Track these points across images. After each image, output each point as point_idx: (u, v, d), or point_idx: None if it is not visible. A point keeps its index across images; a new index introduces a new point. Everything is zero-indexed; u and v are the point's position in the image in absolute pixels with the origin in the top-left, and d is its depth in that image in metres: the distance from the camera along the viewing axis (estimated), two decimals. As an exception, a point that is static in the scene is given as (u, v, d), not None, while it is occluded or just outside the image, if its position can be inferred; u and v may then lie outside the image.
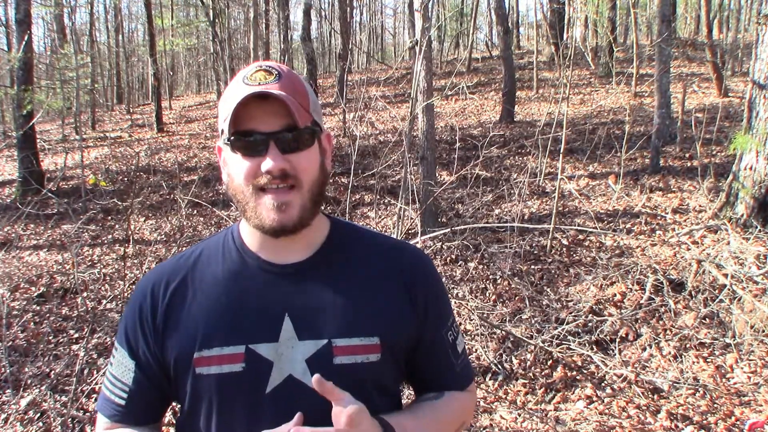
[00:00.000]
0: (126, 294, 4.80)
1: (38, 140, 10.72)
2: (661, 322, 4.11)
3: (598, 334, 4.01)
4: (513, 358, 3.86)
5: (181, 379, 0.98)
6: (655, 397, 3.36)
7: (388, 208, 7.27)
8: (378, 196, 7.35)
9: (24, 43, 9.26)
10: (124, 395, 1.01)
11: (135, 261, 6.14)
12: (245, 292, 0.99)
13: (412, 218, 5.84)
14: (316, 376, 0.89)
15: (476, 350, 3.92)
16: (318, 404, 0.92)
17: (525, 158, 9.05)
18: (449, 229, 5.52)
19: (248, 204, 0.94)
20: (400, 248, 1.09)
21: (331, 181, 8.75)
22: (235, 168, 0.94)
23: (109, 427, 1.03)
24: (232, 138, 0.92)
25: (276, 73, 0.95)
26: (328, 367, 0.95)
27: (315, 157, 0.97)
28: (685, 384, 3.42)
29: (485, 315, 4.32)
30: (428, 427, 1.02)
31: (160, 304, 0.99)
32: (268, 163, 0.90)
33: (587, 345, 3.89)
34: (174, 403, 1.09)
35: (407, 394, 3.19)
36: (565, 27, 18.36)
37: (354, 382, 0.95)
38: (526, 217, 6.60)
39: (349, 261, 1.03)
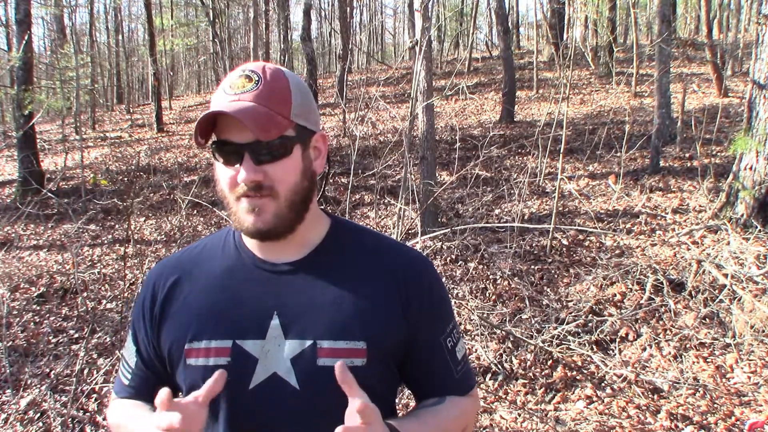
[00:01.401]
0: (126, 294, 4.81)
1: (38, 140, 10.72)
2: (661, 322, 4.11)
3: (598, 334, 4.01)
4: (513, 358, 3.86)
5: (175, 368, 1.03)
6: (655, 397, 3.36)
7: (388, 208, 7.27)
8: (378, 196, 7.35)
9: (24, 43, 9.26)
10: (128, 375, 1.10)
11: (135, 261, 6.14)
12: (238, 288, 1.01)
13: (412, 218, 5.84)
14: (339, 363, 0.87)
15: (476, 350, 3.92)
16: (299, 404, 0.94)
17: (525, 158, 9.05)
18: (449, 229, 5.52)
19: (231, 208, 0.97)
20: (399, 251, 1.08)
21: (331, 181, 8.76)
22: (218, 174, 0.98)
23: (117, 398, 1.13)
24: (214, 146, 0.95)
25: (256, 79, 0.94)
26: (311, 367, 0.95)
27: (294, 165, 0.96)
28: (685, 384, 3.42)
29: (485, 315, 4.32)
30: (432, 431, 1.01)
31: (159, 295, 1.04)
32: (241, 175, 0.92)
33: (587, 345, 3.89)
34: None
35: (407, 394, 3.19)
36: (565, 27, 18.36)
37: (337, 385, 0.94)
38: (526, 217, 6.60)
39: (344, 262, 1.03)
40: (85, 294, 5.32)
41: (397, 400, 1.15)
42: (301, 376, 0.95)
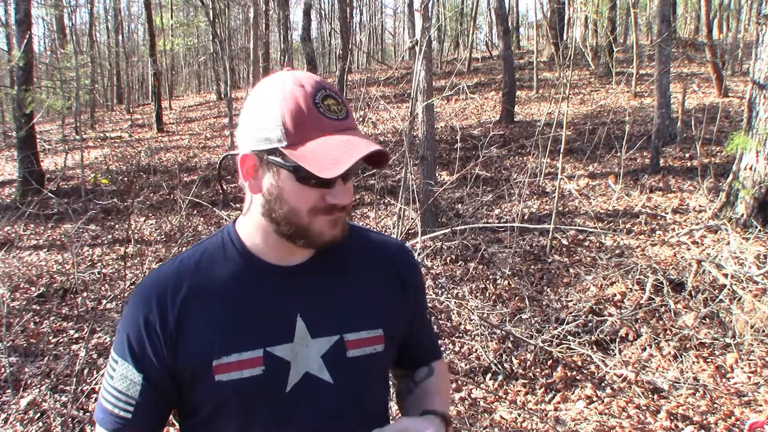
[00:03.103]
0: (126, 294, 4.80)
1: (38, 140, 10.72)
2: (661, 322, 4.11)
3: (598, 334, 4.00)
4: (513, 358, 3.86)
5: (196, 388, 0.97)
6: (655, 397, 3.36)
7: (388, 208, 7.27)
8: (378, 196, 7.35)
9: (24, 43, 9.26)
10: (131, 408, 0.98)
11: (135, 261, 6.14)
12: (254, 295, 0.99)
13: (412, 218, 5.84)
14: None
15: (476, 350, 3.92)
16: (335, 397, 0.98)
17: (525, 158, 9.05)
18: (449, 229, 5.51)
19: (297, 226, 0.94)
20: (388, 241, 1.17)
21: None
22: (293, 194, 0.93)
23: None
24: (297, 167, 0.90)
25: (340, 100, 0.94)
26: (342, 360, 1.00)
27: None
28: (685, 384, 3.42)
29: (485, 315, 4.32)
30: (446, 399, 1.20)
31: (169, 313, 0.96)
32: (339, 198, 0.93)
33: (587, 345, 3.89)
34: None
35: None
36: (565, 27, 18.36)
37: (366, 372, 1.03)
38: (526, 217, 6.60)
39: (347, 258, 1.06)
40: (85, 294, 5.32)
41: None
42: (334, 371, 0.99)
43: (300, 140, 0.90)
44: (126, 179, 10.34)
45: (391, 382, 1.23)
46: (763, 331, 3.73)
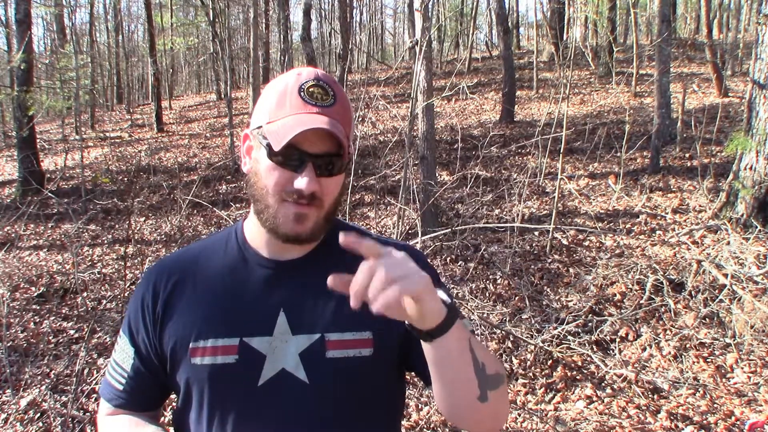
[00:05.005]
0: (126, 294, 4.80)
1: (38, 140, 10.72)
2: (661, 322, 4.11)
3: (598, 334, 4.01)
4: (513, 358, 3.86)
5: (177, 369, 1.01)
6: (655, 397, 3.36)
7: (388, 208, 7.27)
8: (378, 196, 7.35)
9: (24, 43, 9.26)
10: (122, 380, 1.05)
11: (135, 261, 6.14)
12: (242, 286, 1.01)
13: (412, 218, 5.83)
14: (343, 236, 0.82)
15: (476, 350, 3.91)
16: (309, 397, 0.96)
17: (525, 158, 9.05)
18: (449, 229, 5.51)
19: (267, 208, 0.96)
20: (396, 246, 1.08)
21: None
22: (265, 171, 0.95)
23: (111, 412, 1.07)
24: (269, 143, 0.93)
25: (332, 94, 0.95)
26: (320, 361, 0.97)
27: (340, 180, 0.99)
28: (685, 384, 3.42)
29: (485, 315, 4.32)
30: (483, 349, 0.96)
31: (161, 294, 1.02)
32: (301, 183, 0.91)
33: (587, 345, 3.89)
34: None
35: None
36: (565, 27, 18.36)
37: (347, 376, 0.98)
38: (526, 217, 6.60)
39: (343, 258, 1.02)
40: (85, 294, 5.32)
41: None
42: (311, 370, 0.97)
43: (275, 118, 0.94)
44: (126, 179, 10.34)
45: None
46: (763, 331, 3.73)
